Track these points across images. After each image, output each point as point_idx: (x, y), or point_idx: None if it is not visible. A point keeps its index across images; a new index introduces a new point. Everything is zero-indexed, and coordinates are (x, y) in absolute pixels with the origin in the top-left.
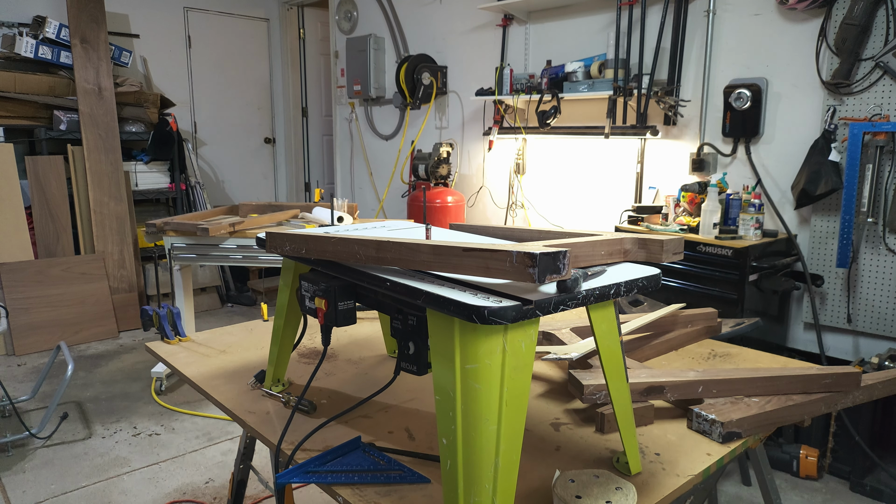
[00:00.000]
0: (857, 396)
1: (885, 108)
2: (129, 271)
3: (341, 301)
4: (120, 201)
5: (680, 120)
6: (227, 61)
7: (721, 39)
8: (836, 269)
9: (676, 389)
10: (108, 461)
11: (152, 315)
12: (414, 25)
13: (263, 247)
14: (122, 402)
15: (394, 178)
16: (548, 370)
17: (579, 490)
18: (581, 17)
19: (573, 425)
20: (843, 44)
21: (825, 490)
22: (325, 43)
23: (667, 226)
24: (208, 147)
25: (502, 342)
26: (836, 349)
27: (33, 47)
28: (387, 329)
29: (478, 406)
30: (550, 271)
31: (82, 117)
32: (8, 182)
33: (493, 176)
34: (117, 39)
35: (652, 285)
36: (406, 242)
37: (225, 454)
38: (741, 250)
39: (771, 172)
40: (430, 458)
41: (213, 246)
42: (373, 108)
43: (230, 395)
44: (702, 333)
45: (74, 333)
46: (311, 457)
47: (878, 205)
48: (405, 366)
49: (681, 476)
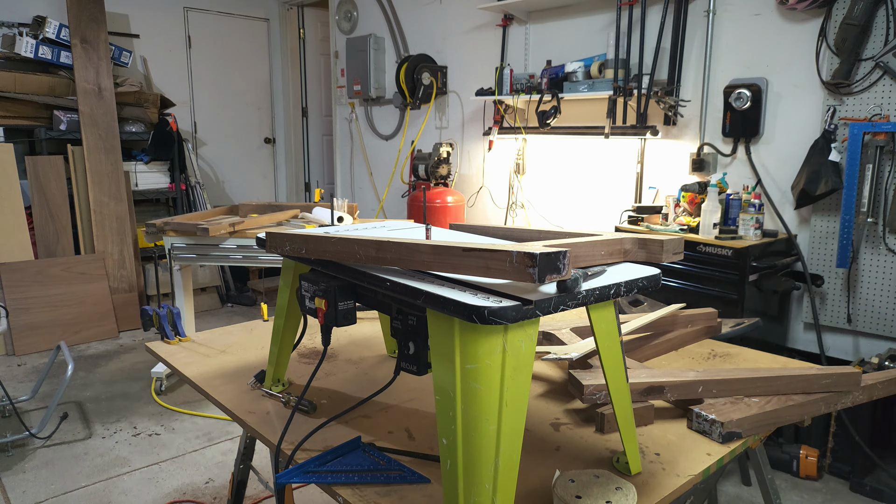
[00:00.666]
0: (857, 396)
1: (885, 108)
2: (129, 271)
3: (341, 301)
4: (120, 201)
5: (680, 120)
6: (227, 61)
7: (721, 39)
8: (836, 269)
9: (676, 389)
10: (108, 461)
11: (152, 315)
12: (414, 25)
13: (263, 247)
14: (122, 402)
15: (394, 178)
16: (548, 370)
17: (579, 490)
18: (581, 17)
19: (573, 425)
20: (843, 44)
21: (825, 490)
22: (325, 43)
23: (667, 226)
24: (208, 147)
25: (502, 342)
26: (836, 349)
27: (33, 47)
28: (387, 329)
29: (478, 406)
30: (550, 271)
31: (82, 117)
32: (8, 182)
33: (493, 176)
34: (117, 39)
35: (652, 285)
36: (406, 242)
37: (225, 454)
38: (741, 250)
39: (771, 172)
40: (430, 458)
41: (213, 246)
42: (373, 108)
43: (230, 395)
44: (702, 333)
45: (74, 333)
46: (311, 457)
47: (878, 205)
48: (405, 366)
49: (681, 476)
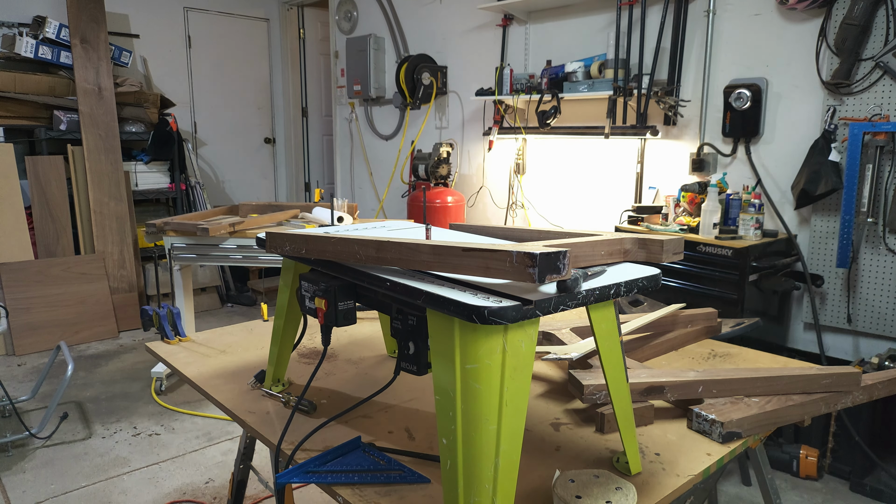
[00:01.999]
0: (857, 396)
1: (885, 108)
2: (129, 271)
3: (341, 301)
4: (120, 201)
5: (680, 120)
6: (227, 61)
7: (721, 39)
8: (836, 269)
9: (676, 389)
10: (108, 461)
11: (152, 315)
12: (414, 25)
13: (263, 247)
14: (122, 402)
15: (394, 178)
16: (548, 370)
17: (579, 490)
18: (581, 17)
19: (573, 425)
20: (843, 44)
21: (825, 490)
22: (325, 43)
23: (667, 226)
24: (208, 147)
25: (502, 342)
26: (836, 349)
27: (33, 47)
28: (387, 329)
29: (478, 406)
30: (550, 271)
31: (82, 117)
32: (8, 182)
33: (493, 176)
34: (117, 39)
35: (652, 285)
36: (406, 242)
37: (225, 454)
38: (741, 250)
39: (771, 172)
40: (430, 458)
41: (213, 246)
42: (373, 108)
43: (230, 395)
44: (702, 333)
45: (74, 333)
46: (311, 457)
47: (878, 205)
48: (405, 366)
49: (681, 476)
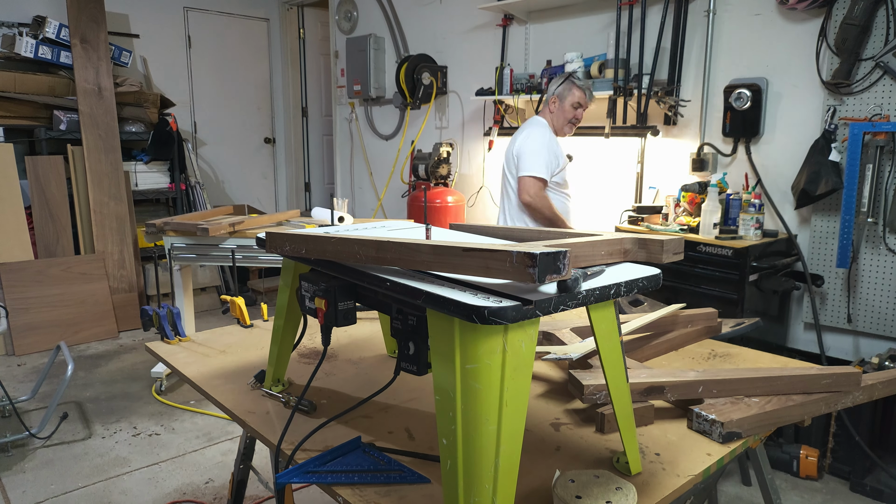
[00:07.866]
0: (857, 396)
1: (885, 108)
2: (129, 271)
3: (341, 301)
4: (120, 201)
5: (680, 120)
6: (227, 61)
7: (721, 39)
8: (836, 269)
9: (676, 389)
10: (108, 461)
11: (152, 315)
12: (414, 25)
13: (263, 247)
14: (122, 402)
15: (393, 178)
16: (548, 370)
17: (579, 490)
18: (581, 17)
19: (573, 425)
20: (844, 44)
21: (825, 490)
22: (325, 43)
23: (667, 226)
24: (208, 147)
25: (502, 342)
26: (836, 349)
27: (33, 47)
28: (387, 329)
29: (478, 406)
30: (550, 271)
31: (82, 117)
32: (8, 182)
33: (493, 176)
34: (117, 39)
35: (652, 285)
36: (406, 242)
37: (225, 454)
38: (741, 250)
39: (771, 172)
40: (430, 458)
41: (213, 246)
42: (373, 108)
43: (230, 395)
44: (702, 333)
45: (74, 333)
46: (311, 457)
47: (878, 205)
48: (405, 366)
49: (681, 476)
